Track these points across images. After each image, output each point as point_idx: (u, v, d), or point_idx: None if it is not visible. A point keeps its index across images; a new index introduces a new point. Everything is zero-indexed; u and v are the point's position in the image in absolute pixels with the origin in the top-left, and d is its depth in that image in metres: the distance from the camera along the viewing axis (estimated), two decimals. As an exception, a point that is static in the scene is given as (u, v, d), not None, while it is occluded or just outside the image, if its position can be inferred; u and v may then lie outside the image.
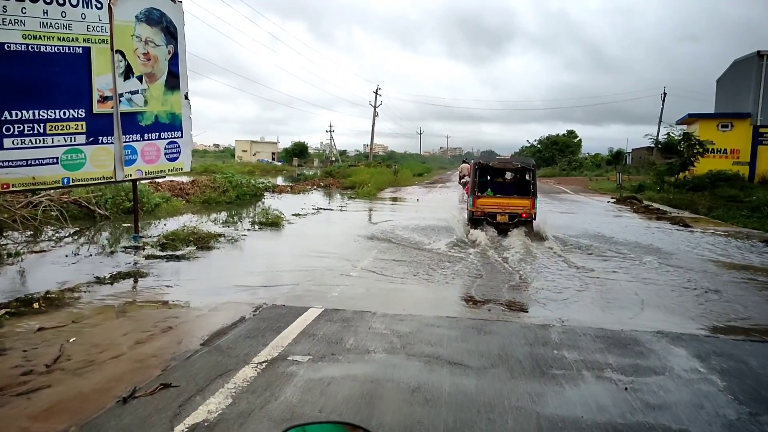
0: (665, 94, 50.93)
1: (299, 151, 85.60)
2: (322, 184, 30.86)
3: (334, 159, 75.40)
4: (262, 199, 20.45)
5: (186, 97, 10.91)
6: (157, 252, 9.03)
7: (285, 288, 6.82)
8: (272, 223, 13.06)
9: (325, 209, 17.63)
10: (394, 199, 23.94)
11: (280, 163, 75.61)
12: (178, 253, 8.96)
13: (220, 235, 10.97)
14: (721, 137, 29.99)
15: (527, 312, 6.12)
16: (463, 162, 31.68)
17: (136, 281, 7.07)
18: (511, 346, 4.83)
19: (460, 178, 27.97)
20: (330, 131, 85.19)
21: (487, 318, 5.75)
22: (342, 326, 5.26)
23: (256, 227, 12.59)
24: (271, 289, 6.75)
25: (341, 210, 17.84)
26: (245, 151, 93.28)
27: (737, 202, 22.22)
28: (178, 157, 10.90)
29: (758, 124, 29.54)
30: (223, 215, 15.25)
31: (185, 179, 21.89)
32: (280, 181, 35.39)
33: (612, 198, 25.62)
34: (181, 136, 10.84)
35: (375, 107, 56.13)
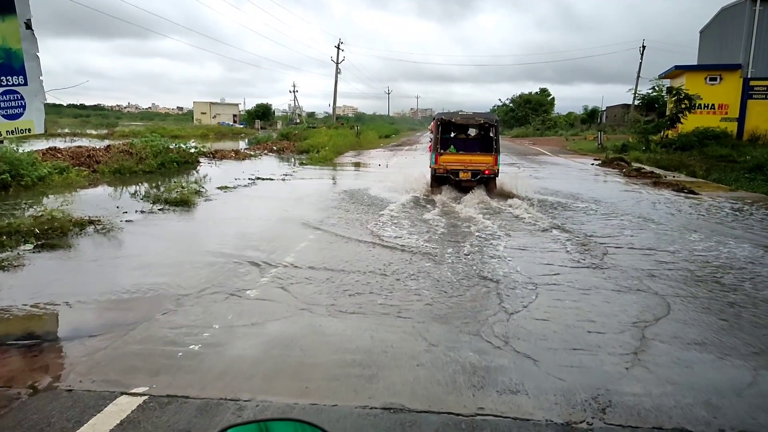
0: (644, 47, 48.28)
1: (262, 112, 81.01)
2: (275, 148, 27.43)
3: (298, 120, 71.25)
4: (197, 167, 17.17)
5: (28, 26, 7.55)
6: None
7: (109, 340, 3.88)
8: (181, 201, 9.97)
9: (264, 179, 14.51)
10: (352, 165, 20.90)
11: (241, 126, 71.18)
12: (-8, 258, 5.88)
13: (93, 221, 7.91)
14: (709, 91, 27.57)
15: (531, 383, 3.34)
16: (433, 119, 28.83)
17: None
18: None
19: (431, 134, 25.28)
20: (293, 91, 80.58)
21: (461, 411, 2.97)
22: (148, 467, 2.40)
23: (157, 207, 9.50)
24: (78, 345, 3.81)
25: (284, 180, 14.74)
26: (204, 113, 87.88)
27: (730, 162, 20.18)
28: (22, 114, 7.58)
29: (749, 76, 27.22)
30: (129, 190, 12.06)
31: (98, 144, 18.38)
32: (242, 145, 31.65)
33: (596, 159, 23.15)
34: (25, 83, 7.51)
35: (337, 63, 52.00)
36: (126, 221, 8.24)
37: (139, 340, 3.86)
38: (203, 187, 12.00)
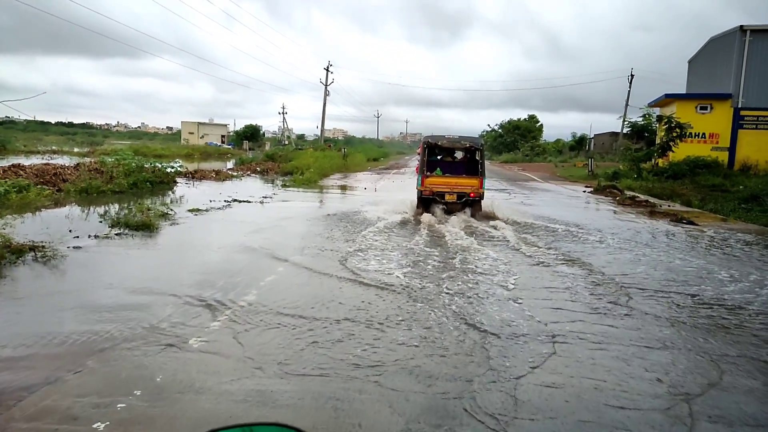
0: (632, 76, 48.58)
1: (250, 133, 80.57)
2: (258, 169, 26.62)
3: (286, 142, 70.67)
4: (173, 188, 16.25)
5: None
6: None
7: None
8: (143, 225, 9.06)
9: (241, 201, 13.65)
10: (337, 188, 20.09)
11: (229, 147, 70.55)
12: None
13: (34, 248, 6.98)
14: (699, 120, 27.38)
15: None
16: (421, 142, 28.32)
17: None
18: None
19: None
20: (282, 113, 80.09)
21: None
22: None
23: (114, 232, 8.58)
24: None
25: (262, 203, 13.87)
26: (192, 133, 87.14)
27: (723, 191, 19.81)
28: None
29: (739, 106, 27.07)
30: (92, 211, 11.12)
31: (68, 161, 17.44)
32: (228, 165, 30.81)
33: (587, 187, 22.62)
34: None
35: (326, 85, 51.60)
36: (74, 248, 7.33)
37: (28, 414, 2.95)
38: (172, 210, 11.11)
